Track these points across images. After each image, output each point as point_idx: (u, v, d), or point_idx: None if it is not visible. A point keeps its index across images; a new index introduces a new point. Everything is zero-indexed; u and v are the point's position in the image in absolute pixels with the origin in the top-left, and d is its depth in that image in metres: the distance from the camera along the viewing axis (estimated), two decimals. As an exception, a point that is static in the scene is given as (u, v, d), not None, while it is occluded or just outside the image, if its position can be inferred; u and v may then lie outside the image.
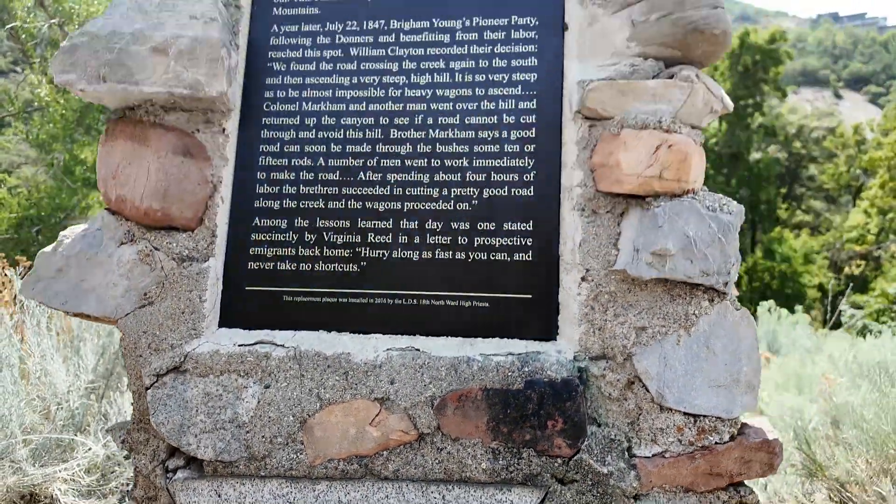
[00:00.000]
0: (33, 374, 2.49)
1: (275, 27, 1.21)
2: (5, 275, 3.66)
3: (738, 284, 24.27)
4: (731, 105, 1.05)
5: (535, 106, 1.11)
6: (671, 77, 0.96)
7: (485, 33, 1.13)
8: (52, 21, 17.16)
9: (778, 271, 24.87)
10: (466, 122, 1.16)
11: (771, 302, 4.19)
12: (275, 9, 1.22)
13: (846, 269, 28.17)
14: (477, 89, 1.16)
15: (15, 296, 3.55)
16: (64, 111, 17.65)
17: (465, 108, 1.16)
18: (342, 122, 1.18)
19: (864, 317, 22.84)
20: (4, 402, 2.08)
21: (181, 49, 1.04)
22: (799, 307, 4.65)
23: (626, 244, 1.02)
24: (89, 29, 1.06)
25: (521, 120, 1.16)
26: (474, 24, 1.13)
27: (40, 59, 18.89)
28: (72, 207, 19.39)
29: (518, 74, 1.14)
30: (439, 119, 1.15)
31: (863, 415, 1.89)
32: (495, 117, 1.18)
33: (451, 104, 1.16)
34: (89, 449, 2.15)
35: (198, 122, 1.16)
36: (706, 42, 0.94)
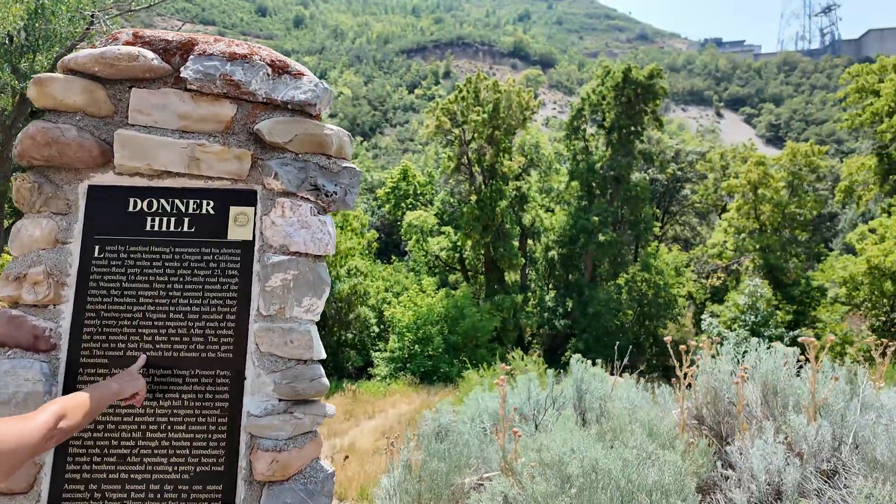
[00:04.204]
0: None
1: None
2: None
3: (619, 293, 27.06)
4: (332, 413, 1.91)
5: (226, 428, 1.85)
6: (291, 413, 1.83)
7: (204, 376, 1.92)
8: None
9: (653, 282, 27.89)
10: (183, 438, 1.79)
11: (579, 355, 5.28)
12: None
13: (710, 280, 32.17)
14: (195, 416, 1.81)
15: None
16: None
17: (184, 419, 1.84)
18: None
19: (720, 325, 26.22)
20: None
21: (18, 401, 1.73)
22: (599, 360, 5.80)
23: None
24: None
25: (219, 430, 1.80)
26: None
27: None
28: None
29: (217, 403, 1.82)
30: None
31: None
32: (204, 426, 1.79)
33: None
34: None
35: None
36: (303, 391, 1.86)
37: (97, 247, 1.86)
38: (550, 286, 30.93)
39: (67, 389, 1.79)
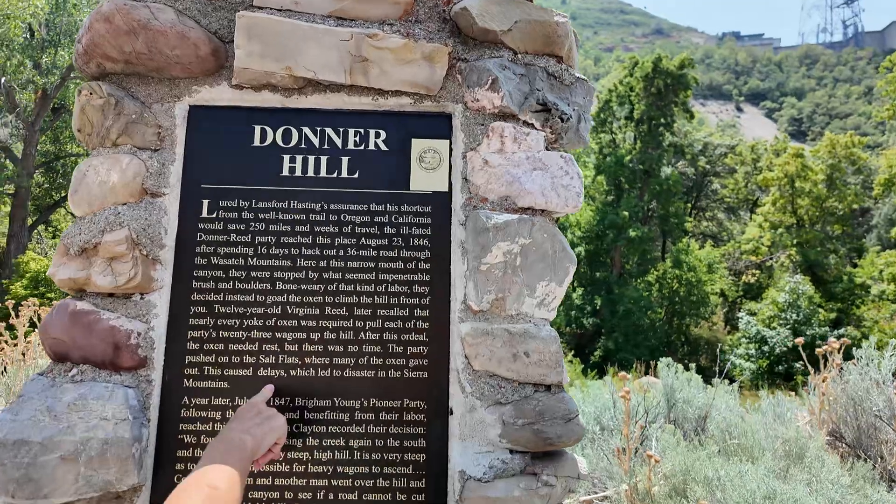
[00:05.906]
0: None
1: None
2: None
3: (649, 290, 26.05)
4: (586, 472, 1.20)
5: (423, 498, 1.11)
6: (534, 475, 1.09)
7: (384, 409, 1.13)
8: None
9: (685, 279, 26.87)
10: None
11: (669, 359, 4.63)
12: None
13: (744, 278, 31.03)
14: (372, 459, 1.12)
15: None
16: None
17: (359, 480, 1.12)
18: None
19: (758, 323, 25.30)
20: None
21: (91, 454, 1.03)
22: (692, 365, 5.11)
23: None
24: (-7, 434, 1.03)
25: (412, 501, 1.11)
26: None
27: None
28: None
29: (406, 455, 1.12)
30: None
31: None
32: (387, 494, 1.10)
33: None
34: None
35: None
36: (556, 438, 1.12)
37: (206, 202, 1.16)
38: (576, 283, 30.03)
39: (164, 432, 1.10)
